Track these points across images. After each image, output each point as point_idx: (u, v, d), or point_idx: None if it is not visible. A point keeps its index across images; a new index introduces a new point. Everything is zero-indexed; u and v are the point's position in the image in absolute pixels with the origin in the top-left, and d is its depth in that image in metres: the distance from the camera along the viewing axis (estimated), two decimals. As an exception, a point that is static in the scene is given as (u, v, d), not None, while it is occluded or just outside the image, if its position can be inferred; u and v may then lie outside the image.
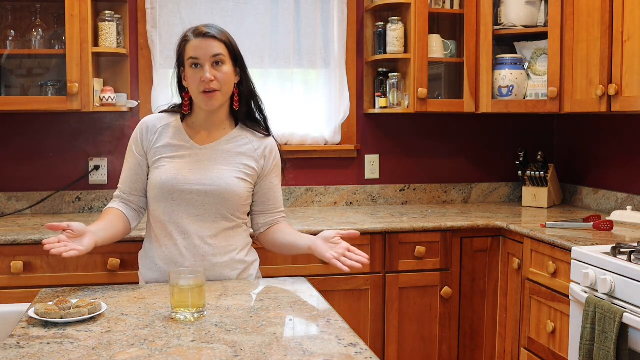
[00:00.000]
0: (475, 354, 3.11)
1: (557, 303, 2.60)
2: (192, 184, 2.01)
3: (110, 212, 2.09)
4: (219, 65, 2.00)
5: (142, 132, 2.10)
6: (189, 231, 2.02)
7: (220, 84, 2.00)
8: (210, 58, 1.99)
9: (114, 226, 2.05)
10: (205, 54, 1.99)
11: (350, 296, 2.93)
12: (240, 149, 2.08)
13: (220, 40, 2.01)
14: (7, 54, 3.08)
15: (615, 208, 3.24)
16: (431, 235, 2.99)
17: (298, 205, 3.53)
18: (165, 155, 2.06)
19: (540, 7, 3.28)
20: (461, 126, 3.71)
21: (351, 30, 3.51)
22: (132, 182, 2.11)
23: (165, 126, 2.10)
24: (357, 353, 1.41)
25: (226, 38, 2.04)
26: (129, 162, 2.12)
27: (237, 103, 2.10)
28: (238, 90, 2.09)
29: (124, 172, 2.13)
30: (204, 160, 2.05)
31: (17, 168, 3.28)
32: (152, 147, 2.08)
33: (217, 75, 1.99)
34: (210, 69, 1.99)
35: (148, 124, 2.11)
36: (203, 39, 2.00)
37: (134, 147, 2.11)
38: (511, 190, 3.78)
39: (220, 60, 2.00)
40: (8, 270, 2.65)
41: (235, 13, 3.36)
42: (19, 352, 1.41)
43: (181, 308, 1.64)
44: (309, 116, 3.52)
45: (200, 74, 1.99)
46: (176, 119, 2.11)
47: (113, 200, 2.14)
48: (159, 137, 2.08)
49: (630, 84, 2.66)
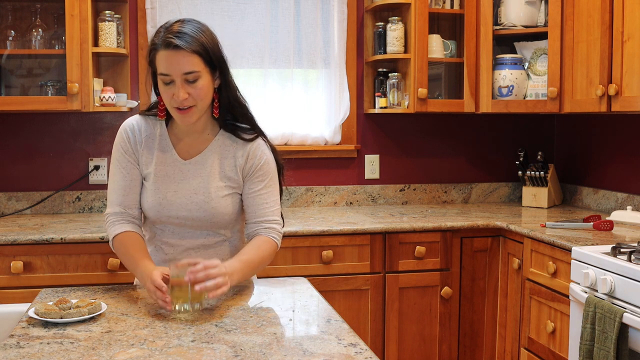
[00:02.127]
0: (475, 354, 3.11)
1: (557, 303, 2.60)
2: (177, 210, 1.89)
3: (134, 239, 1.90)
4: (192, 82, 1.78)
5: (130, 139, 1.92)
6: (178, 244, 1.96)
7: (196, 100, 1.80)
8: (182, 75, 1.76)
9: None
10: (175, 70, 1.76)
11: (350, 296, 2.93)
12: (225, 160, 1.93)
13: (192, 51, 1.76)
14: (7, 54, 3.08)
15: (615, 208, 3.24)
16: (431, 235, 2.99)
17: (298, 205, 3.53)
18: (149, 171, 1.91)
19: (540, 7, 3.28)
20: (461, 126, 3.71)
21: (351, 30, 3.51)
22: (133, 193, 1.93)
23: (147, 137, 1.93)
24: (357, 353, 1.41)
25: (199, 47, 1.77)
26: (122, 172, 1.92)
27: (216, 110, 1.89)
28: (218, 96, 1.88)
29: (117, 184, 1.92)
30: (188, 179, 1.90)
31: (17, 168, 3.28)
32: (139, 157, 1.93)
33: (191, 91, 1.78)
34: (183, 86, 1.77)
35: (133, 130, 1.93)
36: (173, 52, 1.75)
37: (126, 156, 1.92)
38: (511, 190, 3.78)
39: (194, 77, 1.77)
40: (8, 270, 2.65)
41: (235, 13, 3.37)
42: (19, 352, 1.41)
43: (180, 301, 1.64)
44: (309, 116, 3.52)
45: (172, 90, 1.78)
46: (161, 125, 1.94)
47: (118, 222, 1.92)
48: (144, 148, 1.92)
49: (630, 84, 2.66)
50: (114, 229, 1.91)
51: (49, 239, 2.67)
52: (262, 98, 3.42)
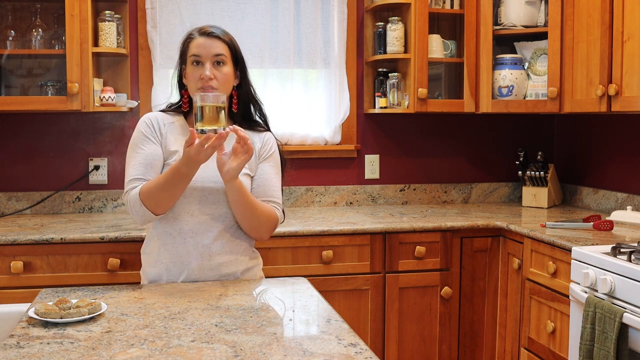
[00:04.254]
0: (475, 354, 3.11)
1: (557, 303, 2.60)
2: (204, 181, 2.01)
3: (154, 179, 1.99)
4: (219, 65, 2.03)
5: (152, 124, 2.06)
6: (197, 230, 2.01)
7: (219, 84, 2.02)
8: (212, 57, 2.02)
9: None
10: (207, 52, 2.02)
11: (350, 296, 2.93)
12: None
13: (223, 41, 2.05)
14: (7, 54, 3.08)
15: (615, 208, 3.24)
16: (431, 235, 2.99)
17: (298, 205, 3.53)
18: (175, 149, 2.04)
19: (540, 7, 3.28)
20: (461, 126, 3.71)
21: (351, 30, 3.51)
22: (154, 168, 2.02)
23: (170, 124, 2.09)
24: (357, 353, 1.41)
25: (230, 40, 2.07)
26: (143, 151, 2.02)
27: (235, 105, 2.12)
28: (237, 93, 2.11)
29: (137, 160, 2.02)
30: (212, 157, 1.97)
31: (17, 168, 3.28)
32: (162, 140, 2.06)
33: (217, 74, 2.02)
34: (211, 67, 2.01)
35: (155, 118, 2.09)
36: (207, 38, 2.03)
37: (148, 137, 2.04)
38: (511, 190, 3.78)
39: (222, 60, 2.03)
40: (8, 270, 2.65)
41: (235, 13, 3.37)
42: (19, 352, 1.41)
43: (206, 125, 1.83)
44: (309, 116, 3.52)
45: (200, 71, 2.01)
46: (180, 117, 2.13)
47: (139, 184, 1.99)
48: (167, 136, 2.07)
49: (630, 84, 2.66)
50: (135, 190, 1.97)
51: (49, 239, 2.67)
52: (262, 98, 3.40)
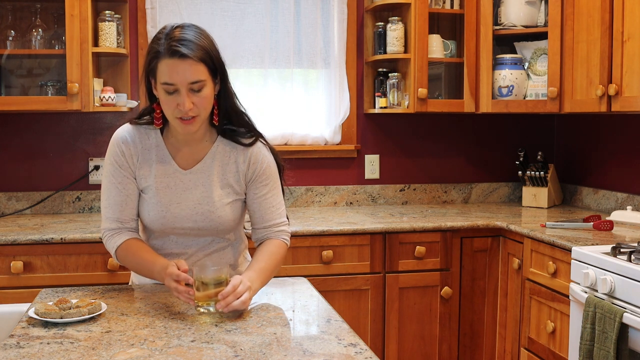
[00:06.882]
0: (475, 354, 3.11)
1: (557, 303, 2.60)
2: (182, 222, 1.86)
3: (138, 244, 1.86)
4: (197, 92, 1.73)
5: (124, 153, 1.86)
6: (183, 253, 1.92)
7: (199, 109, 1.75)
8: (188, 85, 1.71)
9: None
10: (181, 79, 1.70)
11: (350, 296, 2.93)
12: (226, 167, 1.88)
13: (198, 60, 1.70)
14: (7, 54, 3.08)
15: (615, 208, 3.24)
16: (431, 235, 2.99)
17: (298, 205, 3.53)
18: (149, 184, 1.86)
19: (540, 7, 3.28)
20: (461, 126, 3.71)
21: (351, 30, 3.51)
22: (129, 208, 1.87)
23: (145, 151, 1.86)
24: (357, 353, 1.41)
25: (204, 54, 1.72)
26: (117, 188, 1.86)
27: (216, 117, 1.85)
28: (217, 103, 1.83)
29: (112, 199, 1.86)
30: (191, 189, 1.86)
31: (17, 168, 3.28)
32: (136, 170, 1.87)
33: (196, 101, 1.73)
34: (188, 95, 1.72)
35: (128, 143, 1.86)
36: (179, 61, 1.69)
37: (120, 171, 1.86)
38: (511, 190, 3.78)
39: (199, 87, 1.72)
40: (8, 270, 2.65)
41: (235, 13, 3.36)
42: (19, 352, 1.41)
43: (203, 302, 1.65)
44: (309, 116, 3.52)
45: (176, 100, 1.72)
46: (156, 134, 1.87)
47: (117, 234, 1.87)
48: (142, 167, 1.86)
49: (630, 84, 2.66)
50: (115, 241, 1.86)
51: (49, 239, 2.67)
52: (262, 98, 3.42)
